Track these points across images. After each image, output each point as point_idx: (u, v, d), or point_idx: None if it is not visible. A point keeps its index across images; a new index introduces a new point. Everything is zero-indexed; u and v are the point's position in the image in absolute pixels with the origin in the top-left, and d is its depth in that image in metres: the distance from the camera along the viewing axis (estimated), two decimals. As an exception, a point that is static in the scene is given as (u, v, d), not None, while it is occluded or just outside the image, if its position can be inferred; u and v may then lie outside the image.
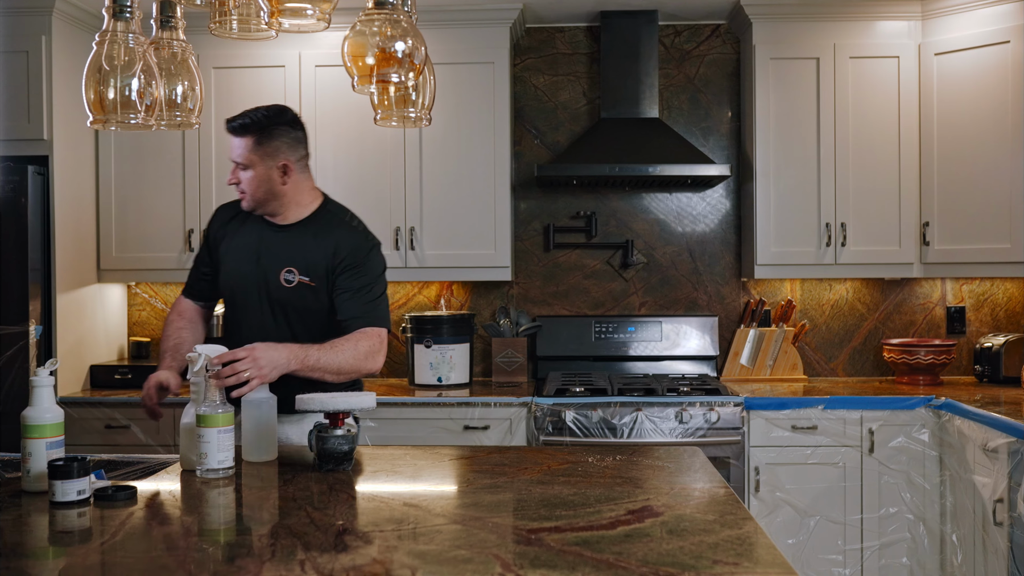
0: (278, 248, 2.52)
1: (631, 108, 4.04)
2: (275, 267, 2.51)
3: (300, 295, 2.50)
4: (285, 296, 2.50)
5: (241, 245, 2.55)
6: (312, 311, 2.51)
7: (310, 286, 2.50)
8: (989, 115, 3.66)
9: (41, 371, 1.97)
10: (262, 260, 2.52)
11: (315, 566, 1.43)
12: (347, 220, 2.63)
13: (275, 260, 2.51)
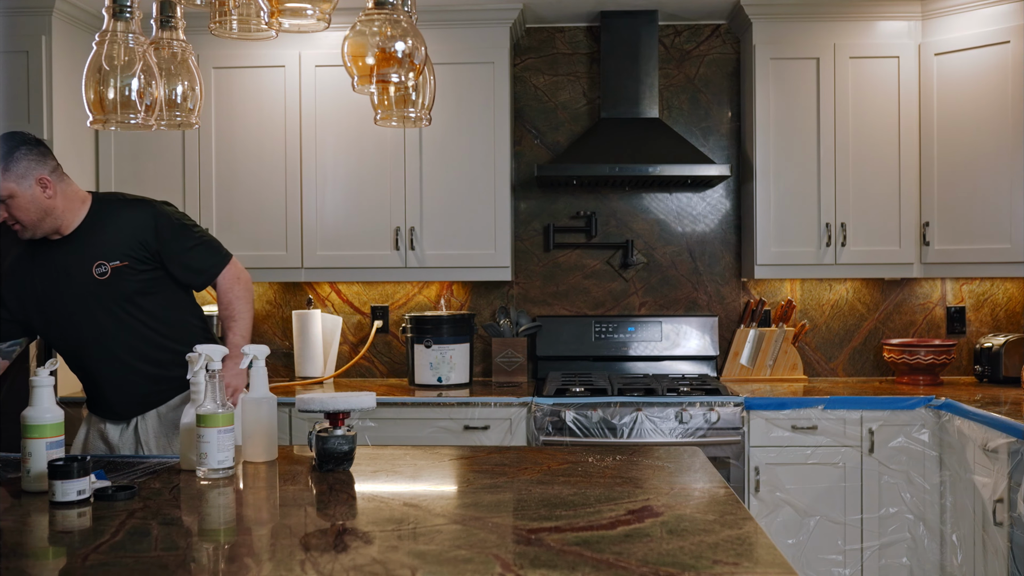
0: (84, 250, 2.53)
1: (631, 108, 4.04)
2: (88, 266, 2.52)
3: (119, 279, 2.53)
4: (101, 287, 2.53)
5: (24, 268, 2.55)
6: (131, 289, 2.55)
7: (125, 266, 2.53)
8: (989, 115, 3.66)
9: (41, 371, 1.97)
10: (61, 268, 2.53)
11: (315, 566, 1.43)
12: (125, 199, 2.66)
13: (88, 260, 2.52)
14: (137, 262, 2.54)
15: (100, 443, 2.65)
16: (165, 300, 2.61)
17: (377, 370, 4.28)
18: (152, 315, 2.59)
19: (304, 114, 3.92)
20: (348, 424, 2.15)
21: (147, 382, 2.60)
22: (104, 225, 2.55)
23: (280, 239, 3.93)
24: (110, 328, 2.55)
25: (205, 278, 2.65)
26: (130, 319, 2.56)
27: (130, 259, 2.53)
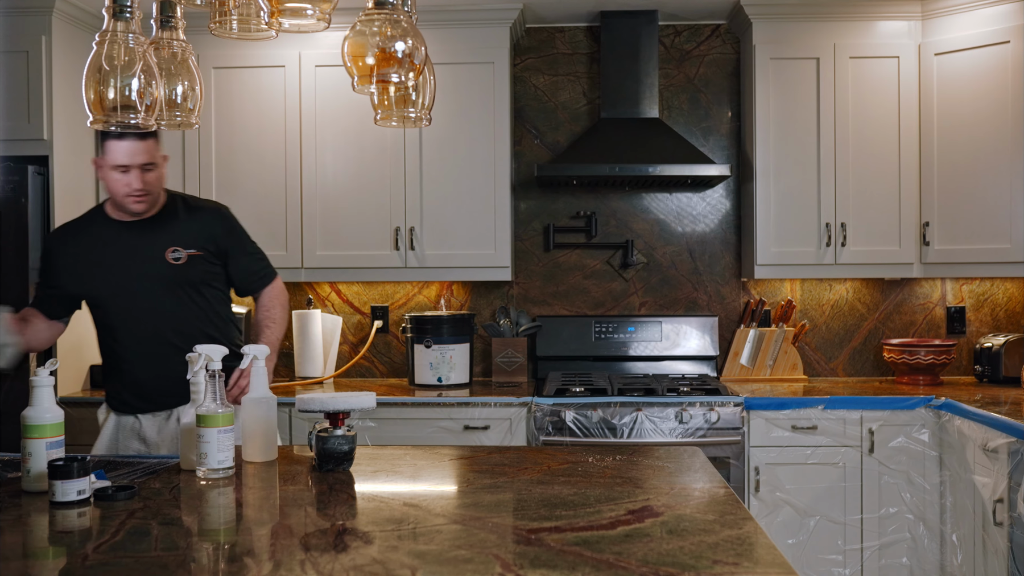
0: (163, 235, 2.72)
1: (631, 108, 4.04)
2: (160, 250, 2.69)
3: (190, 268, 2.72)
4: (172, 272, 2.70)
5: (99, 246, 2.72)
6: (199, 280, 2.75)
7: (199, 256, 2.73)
8: (989, 115, 3.66)
9: (41, 371, 1.97)
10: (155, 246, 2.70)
11: (315, 566, 1.43)
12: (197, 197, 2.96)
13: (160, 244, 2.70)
14: (208, 254, 2.74)
15: (136, 443, 2.70)
16: (222, 296, 2.82)
17: (377, 370, 4.28)
18: (210, 306, 2.77)
19: (304, 114, 3.92)
20: (348, 424, 2.15)
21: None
22: (179, 215, 2.75)
23: (280, 239, 3.93)
24: (171, 310, 2.69)
25: (259, 283, 2.87)
26: (192, 305, 2.73)
27: (204, 250, 2.73)
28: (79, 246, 2.73)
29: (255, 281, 2.86)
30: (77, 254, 2.72)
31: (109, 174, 2.63)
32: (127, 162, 2.59)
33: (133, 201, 2.64)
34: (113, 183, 2.63)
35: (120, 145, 2.57)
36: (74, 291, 2.75)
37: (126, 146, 2.57)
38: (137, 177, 2.61)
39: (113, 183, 2.63)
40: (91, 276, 2.70)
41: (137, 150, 2.59)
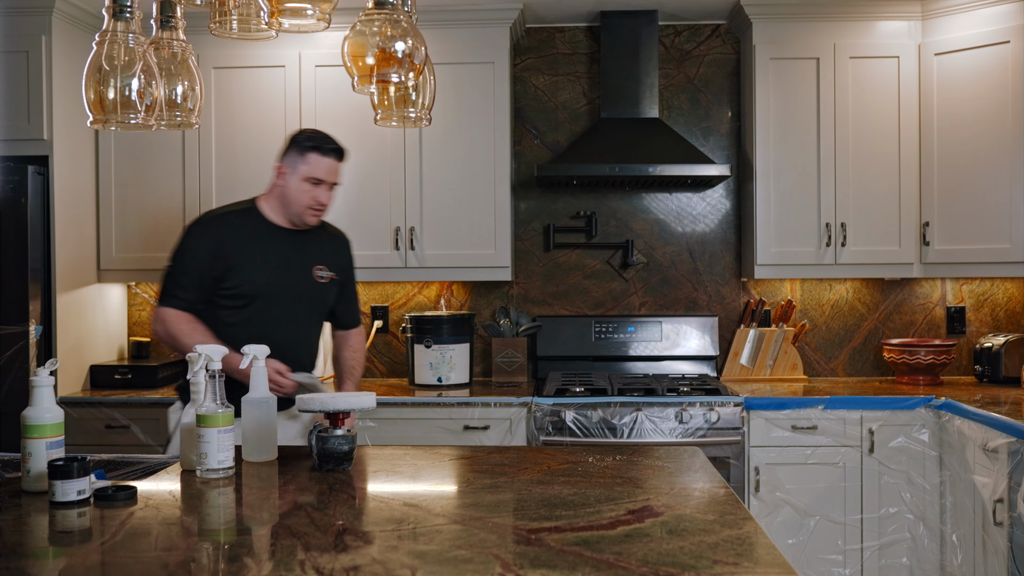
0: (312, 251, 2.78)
1: (631, 108, 4.04)
2: (310, 267, 2.76)
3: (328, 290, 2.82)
4: (317, 291, 2.78)
5: (264, 254, 2.71)
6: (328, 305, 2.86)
7: (336, 280, 2.83)
8: (989, 115, 3.66)
9: (41, 371, 1.97)
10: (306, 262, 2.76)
11: (315, 566, 1.43)
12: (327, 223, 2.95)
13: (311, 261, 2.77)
14: (336, 281, 2.84)
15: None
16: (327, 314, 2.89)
17: (377, 370, 4.28)
18: (321, 330, 2.88)
19: (304, 114, 3.92)
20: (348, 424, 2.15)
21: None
22: (322, 237, 2.84)
23: (280, 239, 3.92)
24: (305, 326, 2.78)
25: (355, 321, 2.98)
26: (317, 325, 2.84)
27: (337, 276, 2.84)
28: (247, 241, 2.70)
29: (353, 318, 2.97)
30: (246, 249, 2.69)
31: (298, 183, 2.68)
32: (324, 177, 2.68)
33: (312, 214, 2.71)
34: (300, 193, 2.68)
35: (324, 161, 2.67)
36: (230, 283, 2.67)
37: (329, 163, 2.68)
38: (326, 193, 2.70)
39: (300, 193, 2.68)
40: (253, 273, 2.68)
41: (335, 169, 2.70)
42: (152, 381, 3.88)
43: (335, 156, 2.70)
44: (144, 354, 4.18)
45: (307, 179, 2.67)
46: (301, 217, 2.71)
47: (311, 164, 2.67)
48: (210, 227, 2.73)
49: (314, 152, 2.67)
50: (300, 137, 2.72)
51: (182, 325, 2.64)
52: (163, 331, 2.66)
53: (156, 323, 2.67)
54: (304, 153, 2.68)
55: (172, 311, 2.66)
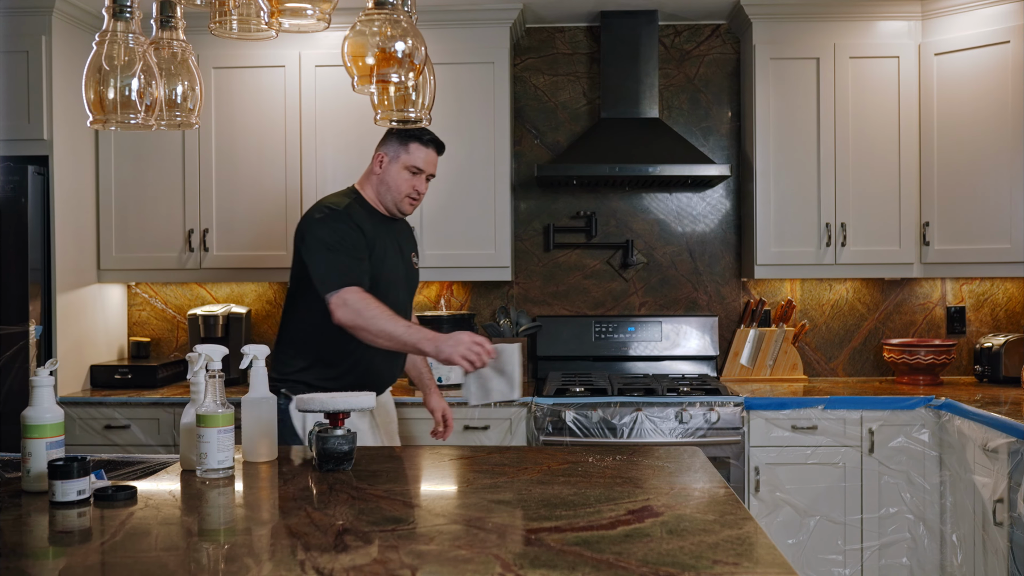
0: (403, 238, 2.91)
1: (631, 108, 4.04)
2: (407, 253, 2.90)
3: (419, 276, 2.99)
4: (414, 277, 2.93)
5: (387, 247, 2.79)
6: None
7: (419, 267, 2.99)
8: (989, 115, 3.66)
9: (41, 371, 1.97)
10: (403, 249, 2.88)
11: (315, 566, 1.43)
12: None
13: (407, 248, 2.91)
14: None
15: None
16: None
17: (377, 370, 4.28)
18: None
19: (304, 114, 3.92)
20: (348, 424, 2.15)
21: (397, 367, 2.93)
22: (405, 224, 2.96)
23: (280, 239, 3.93)
24: (404, 310, 2.82)
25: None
26: (410, 309, 2.94)
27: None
28: (370, 229, 2.74)
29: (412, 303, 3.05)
30: (371, 236, 2.73)
31: (399, 172, 2.77)
32: (423, 167, 2.77)
33: (410, 203, 2.80)
34: (401, 182, 2.77)
35: (424, 150, 2.76)
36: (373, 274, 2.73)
37: (429, 153, 2.78)
38: (424, 183, 2.80)
39: (401, 182, 2.77)
40: (380, 260, 2.74)
41: (434, 160, 2.80)
42: (152, 381, 3.88)
43: (435, 147, 2.80)
44: (144, 354, 4.18)
45: (408, 168, 2.76)
46: (399, 205, 2.79)
47: (412, 153, 2.76)
48: (343, 214, 2.71)
49: (415, 142, 2.75)
50: (401, 130, 2.75)
51: (374, 308, 2.53)
52: (350, 316, 2.53)
53: (341, 309, 2.53)
54: (406, 142, 2.75)
55: (357, 291, 2.55)
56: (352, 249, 2.64)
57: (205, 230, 3.94)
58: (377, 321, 2.51)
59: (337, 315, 2.54)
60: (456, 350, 2.42)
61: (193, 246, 3.94)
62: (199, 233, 3.93)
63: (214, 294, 4.30)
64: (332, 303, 2.55)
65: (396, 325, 2.52)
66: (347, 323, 2.54)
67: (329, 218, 2.68)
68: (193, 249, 3.94)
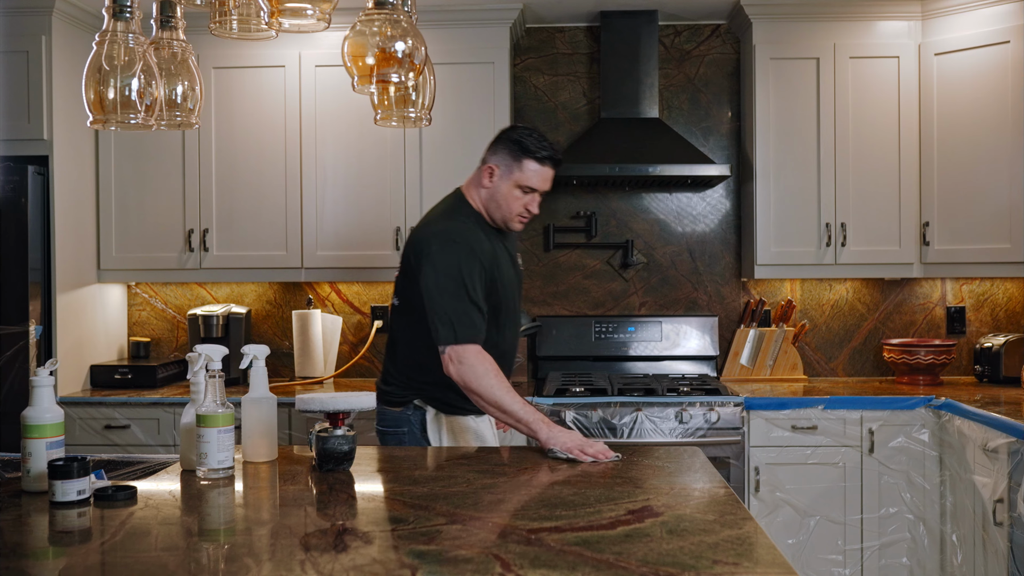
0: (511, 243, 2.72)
1: (631, 108, 4.04)
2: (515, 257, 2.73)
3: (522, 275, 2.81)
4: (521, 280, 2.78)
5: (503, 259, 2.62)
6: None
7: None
8: (989, 115, 3.66)
9: (41, 371, 1.97)
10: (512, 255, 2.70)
11: (315, 566, 1.43)
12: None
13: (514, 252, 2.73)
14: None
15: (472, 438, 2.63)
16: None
17: (377, 370, 4.28)
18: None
19: (304, 114, 3.92)
20: (348, 424, 2.15)
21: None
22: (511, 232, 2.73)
23: (280, 239, 3.93)
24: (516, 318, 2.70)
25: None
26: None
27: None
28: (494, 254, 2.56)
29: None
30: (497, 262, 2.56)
31: (511, 190, 2.54)
32: (537, 187, 2.56)
33: (519, 221, 2.60)
34: (513, 200, 2.55)
35: (540, 170, 2.54)
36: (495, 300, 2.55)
37: (544, 172, 2.56)
38: (536, 202, 2.59)
39: (513, 200, 2.55)
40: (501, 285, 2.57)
41: (548, 177, 2.59)
42: (152, 381, 3.88)
43: (551, 164, 2.57)
44: (144, 354, 4.18)
45: (520, 186, 2.54)
46: (508, 223, 2.59)
47: (526, 172, 2.53)
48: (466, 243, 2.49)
49: (530, 159, 2.52)
50: (515, 137, 2.55)
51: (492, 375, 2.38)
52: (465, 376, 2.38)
53: (455, 366, 2.39)
54: (519, 158, 2.53)
55: (476, 351, 2.40)
56: (474, 289, 2.45)
57: (205, 230, 3.94)
58: (494, 391, 2.37)
59: (449, 370, 2.41)
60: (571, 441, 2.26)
61: (193, 246, 3.94)
62: (199, 233, 3.93)
63: (214, 294, 4.30)
64: (447, 355, 2.41)
65: (513, 400, 2.36)
66: (459, 382, 2.40)
67: (453, 250, 2.47)
68: (193, 249, 3.94)
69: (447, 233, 2.51)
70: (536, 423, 2.33)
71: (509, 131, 2.60)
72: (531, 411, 2.36)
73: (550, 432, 2.30)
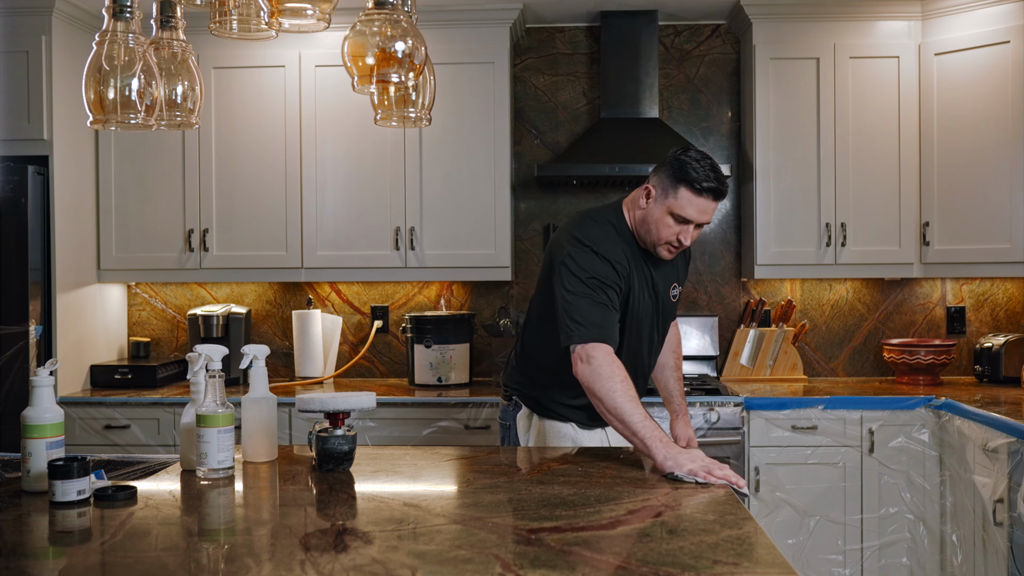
0: (662, 271, 2.54)
1: (631, 108, 4.04)
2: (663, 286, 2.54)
3: (677, 306, 2.66)
4: (669, 311, 2.61)
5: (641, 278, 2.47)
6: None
7: (681, 292, 2.67)
8: (989, 115, 3.66)
9: (41, 371, 1.97)
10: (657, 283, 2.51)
11: (315, 566, 1.43)
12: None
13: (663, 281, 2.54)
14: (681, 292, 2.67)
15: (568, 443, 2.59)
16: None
17: (377, 370, 4.28)
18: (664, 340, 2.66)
19: (304, 114, 3.92)
20: (348, 424, 2.15)
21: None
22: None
23: (280, 239, 3.93)
24: (654, 346, 2.59)
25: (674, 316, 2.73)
26: (663, 339, 2.63)
27: (682, 288, 2.67)
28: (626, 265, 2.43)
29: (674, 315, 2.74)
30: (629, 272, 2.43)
31: (663, 216, 2.36)
32: (693, 218, 2.35)
33: (668, 251, 2.41)
34: (663, 227, 2.37)
35: (696, 200, 2.32)
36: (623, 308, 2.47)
37: (702, 203, 2.33)
38: (690, 234, 2.38)
39: (663, 227, 2.37)
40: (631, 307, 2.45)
41: (708, 209, 2.35)
42: (152, 381, 3.88)
43: (711, 196, 2.33)
44: (144, 354, 4.18)
45: (672, 214, 2.35)
46: (656, 250, 2.42)
47: (680, 200, 2.33)
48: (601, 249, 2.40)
49: (687, 187, 2.32)
50: (680, 160, 2.35)
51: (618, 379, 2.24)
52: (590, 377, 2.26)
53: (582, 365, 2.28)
54: (676, 185, 2.33)
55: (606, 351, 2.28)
56: (607, 293, 2.35)
57: (205, 230, 3.94)
58: (615, 396, 2.20)
59: (577, 368, 2.29)
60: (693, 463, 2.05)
61: (193, 246, 3.94)
62: (199, 233, 3.94)
63: (214, 294, 4.30)
64: (576, 354, 2.29)
65: (634, 410, 2.18)
66: (584, 382, 2.28)
67: (586, 252, 2.38)
68: (193, 249, 3.94)
69: (583, 238, 2.41)
70: (653, 441, 2.11)
71: (678, 152, 2.38)
72: (652, 428, 2.15)
73: (667, 452, 2.08)
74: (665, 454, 2.08)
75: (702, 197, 2.32)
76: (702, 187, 2.31)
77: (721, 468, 2.03)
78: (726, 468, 2.04)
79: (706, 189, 2.31)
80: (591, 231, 2.42)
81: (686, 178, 2.32)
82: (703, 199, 2.32)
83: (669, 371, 2.71)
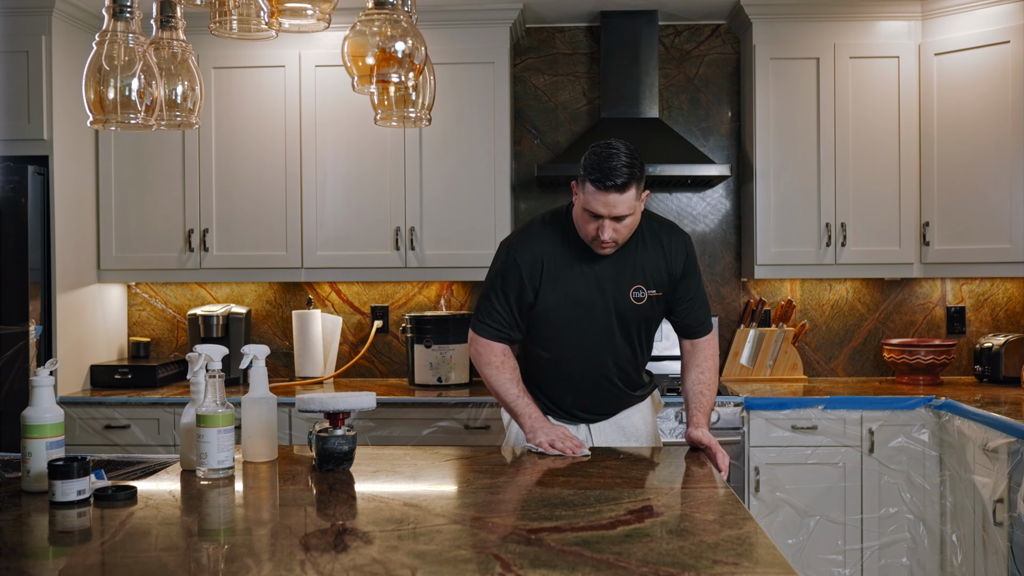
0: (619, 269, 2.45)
1: (631, 108, 4.04)
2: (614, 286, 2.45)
3: (648, 309, 2.49)
4: (636, 314, 2.47)
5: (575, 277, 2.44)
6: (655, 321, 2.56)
7: (658, 296, 2.48)
8: (989, 115, 3.66)
9: (41, 371, 1.97)
10: (606, 284, 2.44)
11: (315, 566, 1.43)
12: (661, 222, 2.56)
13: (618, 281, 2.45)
14: (666, 292, 2.48)
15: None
16: (655, 329, 2.60)
17: (377, 370, 4.28)
18: (647, 342, 2.58)
19: (304, 114, 3.92)
20: (348, 424, 2.15)
21: (615, 398, 2.59)
22: (647, 248, 2.46)
23: (280, 239, 3.93)
24: (617, 348, 2.50)
25: (701, 331, 2.56)
26: (636, 344, 2.53)
27: (663, 290, 2.47)
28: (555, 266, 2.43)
29: (698, 328, 2.56)
30: (554, 274, 2.43)
31: (580, 212, 2.35)
32: (601, 212, 2.29)
33: (599, 246, 2.36)
34: (583, 222, 2.35)
35: (598, 195, 2.28)
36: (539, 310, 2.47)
37: (605, 198, 2.27)
38: (608, 229, 2.31)
39: (583, 222, 2.35)
40: (560, 300, 2.44)
41: (615, 201, 2.28)
42: (152, 381, 3.88)
43: (615, 190, 2.26)
44: (144, 354, 4.18)
45: (586, 210, 2.32)
46: (591, 246, 2.39)
47: (587, 196, 2.31)
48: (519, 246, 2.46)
49: (590, 183, 2.29)
50: (586, 156, 2.34)
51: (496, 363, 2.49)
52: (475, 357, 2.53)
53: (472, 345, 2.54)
54: (584, 180, 2.31)
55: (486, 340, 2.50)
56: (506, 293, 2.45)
57: (205, 230, 3.94)
58: (492, 378, 2.48)
59: (470, 349, 2.55)
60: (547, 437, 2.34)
61: (193, 246, 3.94)
62: (199, 233, 3.94)
63: (214, 294, 4.30)
64: (469, 336, 2.54)
65: (508, 389, 2.46)
66: (474, 361, 2.54)
67: (503, 251, 2.49)
68: (193, 249, 3.94)
69: (512, 236, 2.54)
70: (522, 416, 2.43)
71: (591, 148, 2.36)
72: (525, 404, 2.44)
73: (531, 425, 2.39)
74: (530, 427, 2.40)
75: (605, 192, 2.27)
76: (600, 181, 2.27)
77: (562, 441, 2.33)
78: (568, 442, 2.33)
79: (606, 184, 2.26)
80: (526, 230, 2.52)
81: (588, 174, 2.30)
82: (607, 194, 2.27)
83: (689, 383, 2.56)
